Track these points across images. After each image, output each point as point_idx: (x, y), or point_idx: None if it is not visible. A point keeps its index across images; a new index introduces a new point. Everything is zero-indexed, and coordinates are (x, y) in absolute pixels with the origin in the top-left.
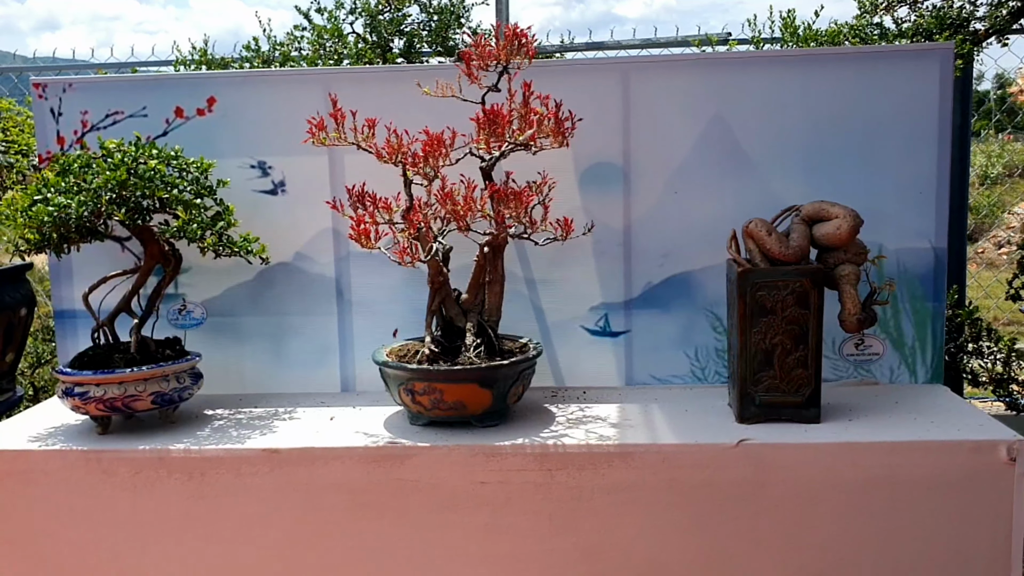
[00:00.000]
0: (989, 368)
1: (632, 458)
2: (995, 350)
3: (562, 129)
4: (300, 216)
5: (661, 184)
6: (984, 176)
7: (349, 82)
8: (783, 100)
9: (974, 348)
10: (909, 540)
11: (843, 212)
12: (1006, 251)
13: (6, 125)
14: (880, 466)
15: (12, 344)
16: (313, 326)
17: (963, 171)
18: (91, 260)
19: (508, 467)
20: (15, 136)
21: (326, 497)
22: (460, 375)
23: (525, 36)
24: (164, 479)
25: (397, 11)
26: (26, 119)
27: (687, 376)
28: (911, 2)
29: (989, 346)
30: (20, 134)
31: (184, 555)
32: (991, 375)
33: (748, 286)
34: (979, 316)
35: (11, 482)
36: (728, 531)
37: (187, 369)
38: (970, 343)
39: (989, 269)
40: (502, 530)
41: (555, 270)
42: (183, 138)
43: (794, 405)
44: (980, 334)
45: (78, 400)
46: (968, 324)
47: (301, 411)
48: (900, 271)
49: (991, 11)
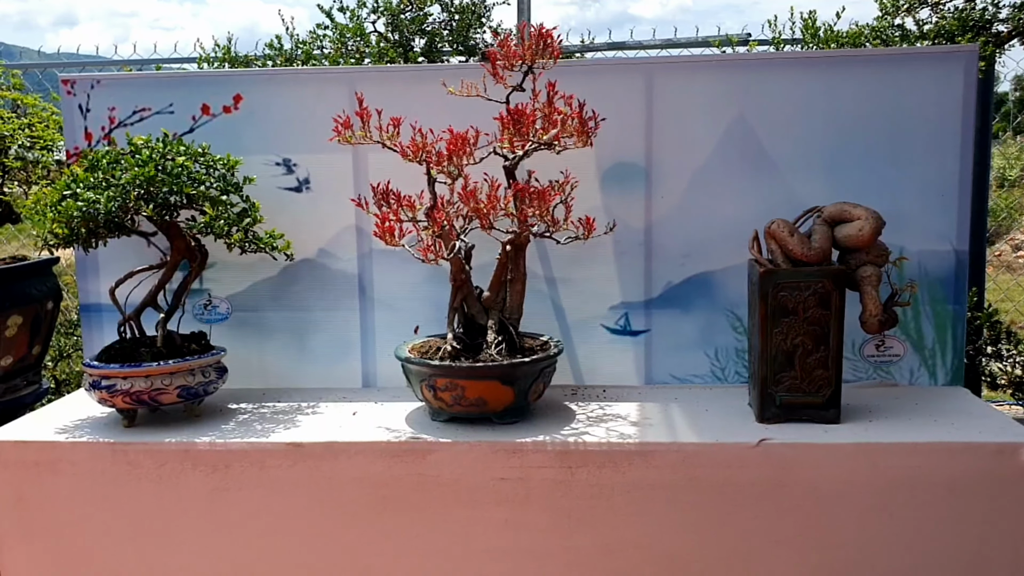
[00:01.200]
0: (1008, 371)
1: (652, 456)
2: (1015, 353)
3: (586, 129)
4: (324, 213)
5: (684, 184)
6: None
7: (373, 81)
8: (806, 101)
9: (993, 351)
10: (929, 542)
11: (865, 214)
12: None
13: (32, 121)
14: (900, 467)
15: (39, 337)
16: (335, 322)
17: (983, 174)
18: (117, 255)
19: (528, 464)
20: (40, 132)
21: (348, 491)
22: (482, 372)
23: (551, 36)
24: (189, 471)
25: (419, 10)
26: (51, 115)
27: (707, 376)
28: (933, 4)
29: (1009, 349)
30: (46, 130)
31: (207, 546)
32: (1010, 378)
33: (770, 287)
34: (999, 319)
35: (39, 472)
36: (747, 530)
37: (212, 363)
38: (989, 346)
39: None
40: (521, 526)
41: (576, 269)
42: (209, 135)
43: (814, 406)
44: (999, 337)
45: (105, 393)
46: (987, 327)
47: (324, 406)
48: (921, 273)
49: (1014, 13)
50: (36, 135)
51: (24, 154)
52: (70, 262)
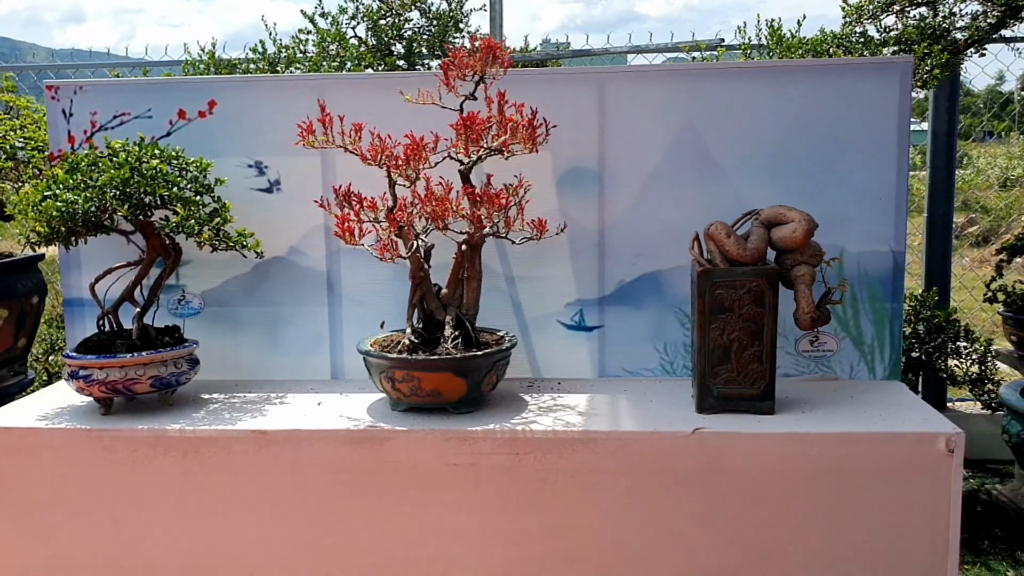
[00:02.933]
0: (965, 368)
1: (595, 444)
2: (971, 350)
3: (534, 136)
4: (294, 213)
5: (635, 188)
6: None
7: (342, 88)
8: (752, 109)
9: (952, 348)
10: (854, 525)
11: (799, 216)
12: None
13: (24, 122)
14: (828, 456)
15: (24, 330)
16: (305, 317)
17: (949, 176)
18: (98, 252)
19: (479, 450)
20: (32, 132)
21: (310, 475)
22: (436, 364)
23: (499, 49)
24: (161, 456)
25: (398, 16)
26: (43, 116)
27: (656, 369)
28: (898, 11)
29: (966, 346)
30: (37, 131)
31: (178, 526)
32: (967, 375)
33: (708, 285)
34: (957, 318)
35: (20, 456)
36: (683, 513)
37: (184, 355)
38: (949, 343)
39: None
40: (473, 508)
41: (533, 268)
42: (185, 139)
43: (750, 397)
44: (958, 335)
45: (83, 382)
46: (947, 325)
47: (291, 396)
48: (860, 273)
49: (972, 22)
50: (29, 135)
51: (16, 154)
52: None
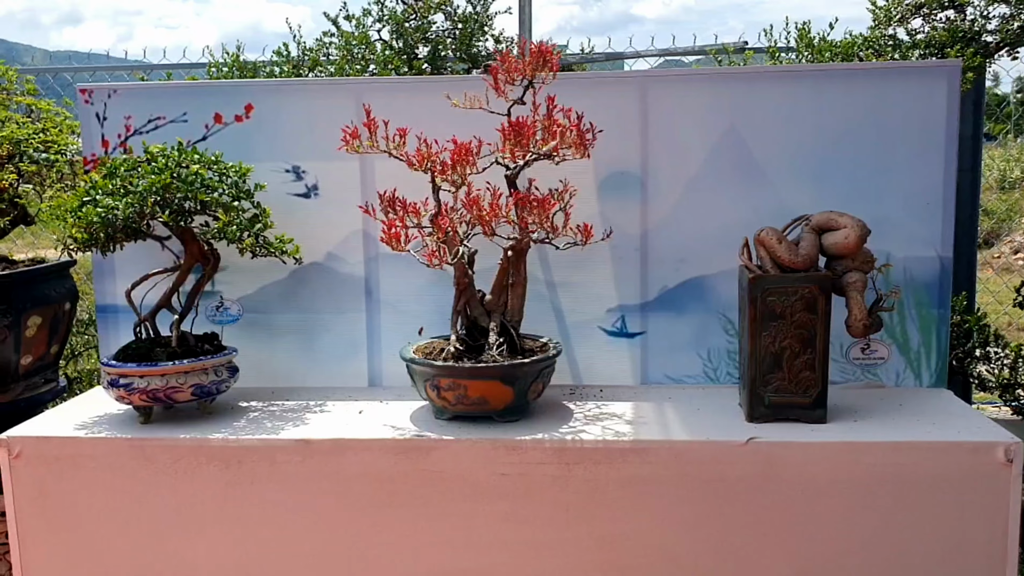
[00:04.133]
0: (996, 373)
1: (646, 453)
2: (1002, 356)
3: (584, 141)
4: (332, 218)
5: (678, 192)
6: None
7: (380, 91)
8: (795, 112)
9: (982, 353)
10: (910, 535)
11: (851, 222)
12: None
13: (46, 125)
14: (883, 465)
15: (57, 336)
16: (342, 323)
17: (974, 180)
18: (132, 258)
19: (528, 460)
20: (55, 136)
21: (355, 486)
22: (484, 372)
23: (550, 52)
24: (203, 466)
25: (422, 19)
26: (64, 119)
27: (700, 376)
28: (925, 14)
29: (996, 352)
30: (59, 134)
31: (219, 537)
32: (998, 380)
33: (759, 292)
34: (987, 322)
35: (59, 466)
36: (736, 524)
37: (225, 363)
38: (978, 349)
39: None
40: (521, 519)
41: (575, 273)
42: (221, 143)
43: (802, 406)
44: (988, 340)
45: (123, 391)
46: (976, 330)
47: (331, 404)
48: (907, 279)
49: (1002, 24)
50: (51, 139)
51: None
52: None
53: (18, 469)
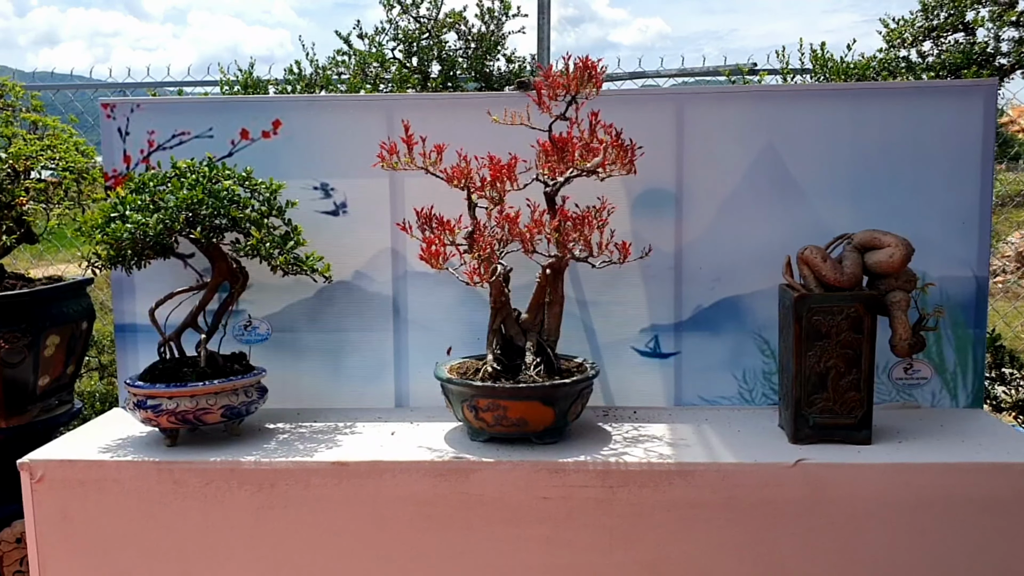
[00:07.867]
0: (1012, 395)
1: (692, 476)
2: (1018, 377)
3: (630, 157)
4: (360, 236)
5: (713, 210)
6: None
7: (410, 108)
8: (832, 131)
9: (997, 374)
10: (959, 558)
11: (895, 241)
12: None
13: (53, 142)
14: (932, 487)
15: (74, 356)
16: (370, 342)
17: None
18: (153, 276)
19: (570, 483)
20: (62, 153)
21: (392, 509)
22: (524, 392)
23: (595, 68)
24: (234, 490)
25: (435, 38)
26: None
27: (735, 398)
28: (934, 37)
29: (1012, 373)
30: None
31: (251, 563)
32: (1015, 401)
33: (804, 311)
34: (1002, 343)
35: (84, 490)
36: (784, 548)
37: (255, 383)
38: (993, 370)
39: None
40: (563, 543)
41: (607, 292)
42: (248, 159)
43: (847, 427)
44: (1003, 361)
45: (150, 412)
46: (991, 351)
47: (360, 425)
48: (943, 298)
49: (1014, 47)
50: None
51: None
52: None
53: (40, 493)
